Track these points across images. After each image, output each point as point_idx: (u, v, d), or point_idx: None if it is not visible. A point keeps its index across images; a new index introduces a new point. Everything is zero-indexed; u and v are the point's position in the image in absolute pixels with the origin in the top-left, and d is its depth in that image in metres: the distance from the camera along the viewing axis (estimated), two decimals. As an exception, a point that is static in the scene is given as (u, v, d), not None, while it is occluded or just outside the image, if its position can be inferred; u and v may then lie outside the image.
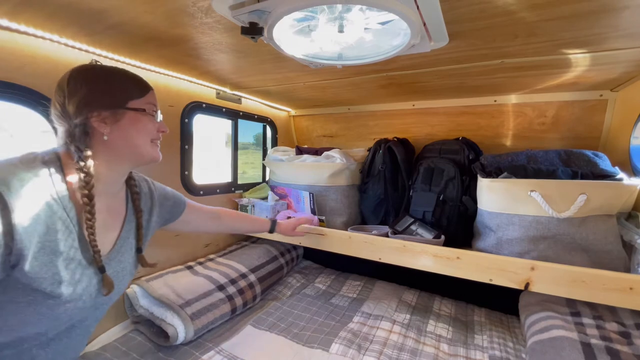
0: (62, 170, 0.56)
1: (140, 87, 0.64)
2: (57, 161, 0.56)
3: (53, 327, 0.58)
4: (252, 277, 1.24)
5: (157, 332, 0.96)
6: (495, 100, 1.38)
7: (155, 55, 1.01)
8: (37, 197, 0.51)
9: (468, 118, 1.47)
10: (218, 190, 1.44)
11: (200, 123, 1.41)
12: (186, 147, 1.26)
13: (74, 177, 0.57)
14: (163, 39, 0.87)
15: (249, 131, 1.81)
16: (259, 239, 1.55)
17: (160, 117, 0.69)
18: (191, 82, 1.27)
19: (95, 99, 0.57)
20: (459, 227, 1.22)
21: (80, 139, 0.57)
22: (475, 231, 1.20)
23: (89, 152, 0.57)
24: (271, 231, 1.10)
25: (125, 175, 0.68)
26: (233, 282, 1.16)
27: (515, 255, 0.99)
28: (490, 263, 0.97)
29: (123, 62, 1.06)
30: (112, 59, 1.04)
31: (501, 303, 1.29)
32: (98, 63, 0.63)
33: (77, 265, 0.56)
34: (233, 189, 1.53)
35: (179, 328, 0.90)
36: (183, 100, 1.26)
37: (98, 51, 0.99)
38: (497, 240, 1.04)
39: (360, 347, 0.97)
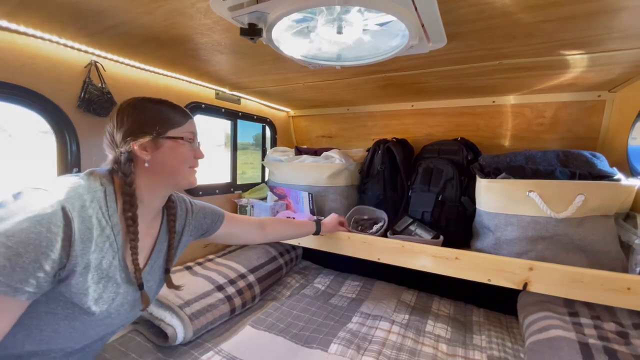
0: (115, 192, 0.60)
1: (180, 117, 0.68)
2: (111, 183, 0.61)
3: (81, 340, 0.60)
4: (251, 278, 1.24)
5: (156, 333, 0.96)
6: (493, 101, 1.39)
7: (154, 55, 1.01)
8: (94, 216, 0.55)
9: (467, 118, 1.48)
10: (217, 191, 1.44)
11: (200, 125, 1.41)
12: (185, 147, 1.26)
13: (120, 200, 0.60)
14: (162, 40, 0.87)
15: (249, 131, 1.81)
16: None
17: (197, 143, 0.73)
18: (190, 82, 1.27)
19: (138, 129, 0.62)
20: (458, 227, 1.22)
21: (125, 164, 0.61)
22: (473, 231, 1.20)
23: (133, 177, 0.61)
24: (317, 232, 1.12)
25: (165, 198, 0.71)
26: (232, 282, 1.16)
27: (513, 255, 0.99)
28: (489, 263, 0.97)
29: (122, 63, 1.07)
30: (111, 59, 1.04)
31: (500, 303, 1.29)
32: (146, 98, 0.68)
33: (114, 283, 0.59)
34: (232, 189, 1.53)
35: (177, 328, 0.90)
36: (183, 100, 1.26)
37: (97, 52, 1.00)
38: (496, 241, 1.04)
39: (359, 347, 0.97)
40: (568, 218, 0.92)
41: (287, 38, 0.80)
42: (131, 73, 1.10)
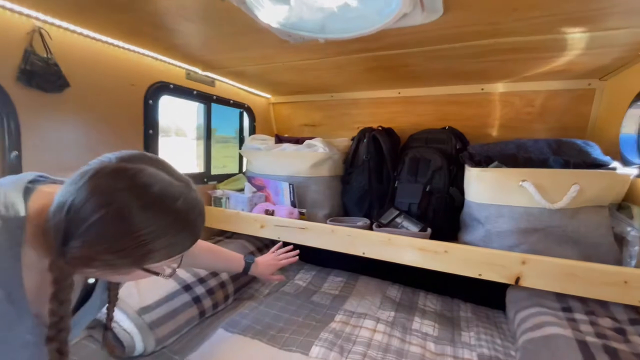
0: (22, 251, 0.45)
1: (181, 242, 0.47)
2: (22, 232, 0.44)
3: None
4: (224, 275, 1.13)
5: (114, 338, 0.84)
6: (482, 89, 1.33)
7: (108, 22, 0.87)
8: None
9: (455, 107, 1.42)
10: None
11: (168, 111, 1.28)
12: (150, 131, 1.13)
13: (34, 275, 0.45)
14: (116, 2, 0.74)
15: (230, 123, 1.68)
16: (234, 233, 1.44)
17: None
18: (156, 59, 1.14)
19: (102, 253, 0.42)
20: (446, 219, 1.17)
21: (65, 277, 0.44)
22: (461, 224, 1.15)
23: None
24: (244, 272, 0.97)
25: None
26: (202, 281, 1.05)
27: (505, 248, 0.94)
28: (479, 257, 0.92)
29: (73, 31, 0.92)
30: (59, 26, 0.90)
31: (486, 297, 1.25)
32: (151, 195, 0.43)
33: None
34: (206, 179, 1.41)
35: (136, 338, 0.79)
36: (147, 79, 1.13)
37: (42, 16, 0.85)
38: (486, 233, 0.99)
39: (343, 350, 0.89)
40: (562, 209, 0.88)
41: (263, 2, 0.70)
42: (84, 43, 0.95)
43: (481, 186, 1.00)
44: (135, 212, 0.41)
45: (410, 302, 1.22)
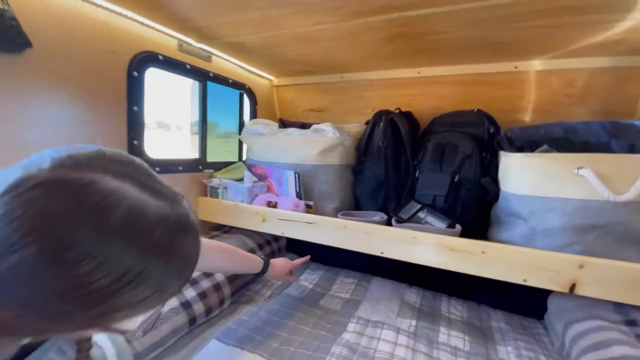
0: None
1: (157, 299, 0.32)
2: None
3: None
4: (219, 276, 0.98)
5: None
6: (516, 67, 1.17)
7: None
8: None
9: (482, 89, 1.26)
10: (181, 168, 1.16)
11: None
12: (135, 108, 0.97)
13: None
14: None
15: (232, 117, 1.52)
16: (232, 228, 1.29)
17: None
18: (143, 24, 0.98)
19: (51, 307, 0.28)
20: (476, 214, 1.01)
21: None
22: (494, 220, 0.99)
23: None
24: (262, 273, 0.91)
25: None
26: (193, 282, 0.90)
27: (553, 249, 0.78)
28: (526, 259, 0.76)
29: (37, -19, 0.76)
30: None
31: (517, 304, 1.10)
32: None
33: None
34: (201, 167, 1.25)
35: (108, 352, 0.64)
36: (131, 47, 0.97)
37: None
38: (530, 231, 0.83)
39: (360, 368, 0.74)
40: (629, 202, 0.72)
41: None
42: (52, -2, 0.79)
43: (525, 175, 0.84)
44: (83, 253, 0.25)
45: (432, 308, 1.06)
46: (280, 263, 0.98)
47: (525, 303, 1.08)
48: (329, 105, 1.56)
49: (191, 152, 1.29)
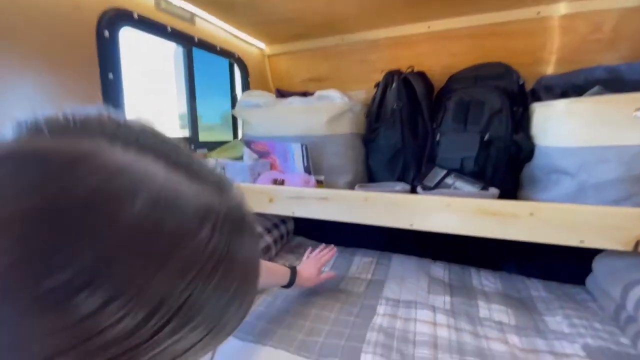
0: None
1: (207, 342, 0.21)
2: None
3: None
4: (229, 265, 0.86)
5: None
6: (538, 13, 1.06)
7: None
8: None
9: (499, 41, 1.14)
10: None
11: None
12: (110, 76, 0.81)
13: None
14: None
15: (215, 106, 1.36)
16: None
17: None
18: (109, -26, 0.81)
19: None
20: (508, 176, 0.92)
21: None
22: (527, 180, 0.90)
23: None
24: (289, 284, 0.80)
25: None
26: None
27: (606, 203, 0.69)
28: (582, 218, 0.67)
29: None
30: None
31: (550, 270, 1.03)
32: None
33: None
34: (193, 146, 1.11)
35: None
36: (98, 1, 0.80)
37: None
38: (578, 187, 0.74)
39: (404, 356, 0.65)
40: (698, 144, 0.63)
41: None
42: None
43: (572, 124, 0.74)
44: (78, 278, 0.14)
45: (463, 282, 0.98)
46: (305, 267, 0.86)
47: (560, 268, 1.01)
48: (329, 72, 1.42)
49: (180, 132, 1.14)
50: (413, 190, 0.91)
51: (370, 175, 1.12)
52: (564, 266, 1.01)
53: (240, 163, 1.06)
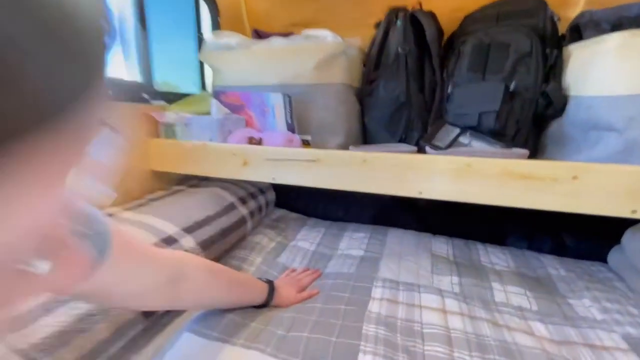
0: None
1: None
2: None
3: None
4: (187, 242, 0.68)
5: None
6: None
7: None
8: None
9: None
10: (113, 93, 0.79)
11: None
12: None
13: None
14: None
15: (177, 52, 1.10)
16: (202, 180, 0.98)
17: None
18: None
19: None
20: (532, 136, 0.77)
21: None
22: (554, 140, 0.75)
23: None
24: (266, 303, 0.62)
25: None
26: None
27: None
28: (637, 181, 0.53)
29: None
30: None
31: (563, 245, 0.92)
32: None
33: None
34: (147, 96, 0.89)
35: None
36: None
37: None
38: (626, 145, 0.60)
39: (413, 355, 0.51)
40: None
41: None
42: None
43: (626, 66, 0.58)
44: None
45: (470, 259, 0.85)
46: (284, 286, 0.67)
47: (574, 243, 0.90)
48: (316, 15, 1.19)
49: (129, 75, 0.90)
50: (420, 153, 0.75)
51: (366, 136, 0.94)
52: (580, 241, 0.90)
53: (208, 118, 0.85)
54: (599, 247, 0.87)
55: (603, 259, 0.85)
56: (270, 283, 0.63)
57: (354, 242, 0.94)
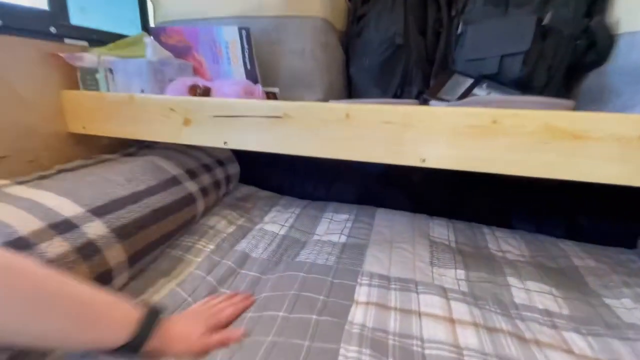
0: None
1: None
2: None
3: None
4: (94, 227, 0.47)
5: None
6: None
7: None
8: None
9: None
10: (3, 23, 0.55)
11: None
12: None
13: None
14: None
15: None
16: (133, 144, 0.77)
17: None
18: None
19: None
20: (563, 88, 0.60)
21: None
22: (593, 94, 0.58)
23: None
24: (135, 347, 0.35)
25: None
26: (28, 244, 0.39)
27: None
28: None
29: None
30: None
31: (579, 228, 0.78)
32: None
33: None
34: (56, 30, 0.65)
35: None
36: None
37: None
38: None
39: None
40: None
41: None
42: None
43: None
44: None
45: (476, 246, 0.70)
46: (183, 323, 0.42)
47: (593, 225, 0.76)
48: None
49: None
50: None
51: (351, 90, 0.75)
52: (599, 223, 0.76)
53: (137, 60, 0.63)
54: (620, 230, 0.74)
55: (628, 244, 0.71)
56: (152, 311, 0.39)
57: (334, 225, 0.76)
